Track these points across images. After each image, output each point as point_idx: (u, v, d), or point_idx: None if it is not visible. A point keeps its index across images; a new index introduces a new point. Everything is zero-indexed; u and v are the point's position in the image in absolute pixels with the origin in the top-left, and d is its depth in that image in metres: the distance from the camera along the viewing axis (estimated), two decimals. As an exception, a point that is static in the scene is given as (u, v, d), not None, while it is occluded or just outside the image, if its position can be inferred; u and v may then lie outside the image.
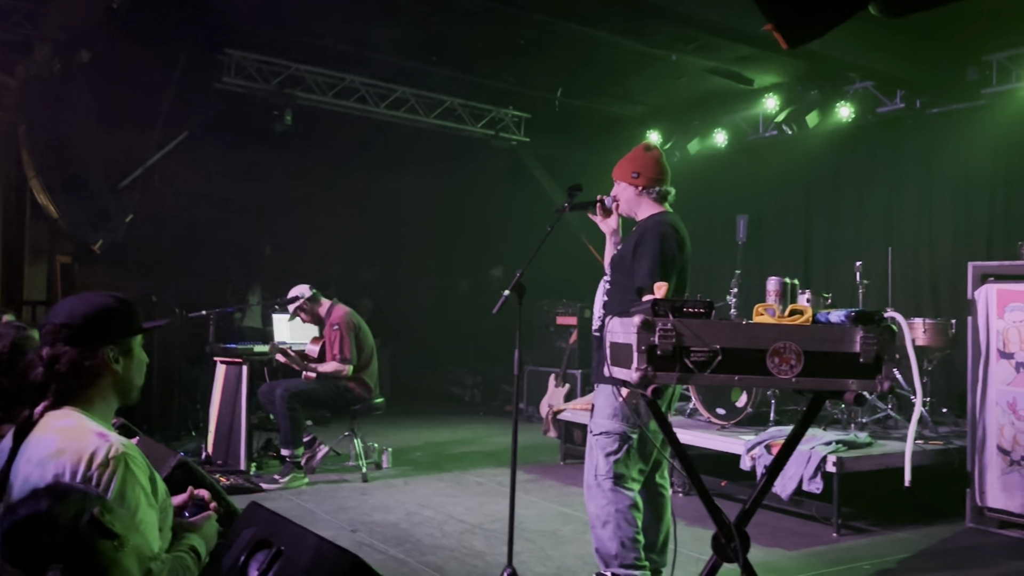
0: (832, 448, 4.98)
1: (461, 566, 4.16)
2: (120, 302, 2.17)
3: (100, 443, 1.93)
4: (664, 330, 2.62)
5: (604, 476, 3.60)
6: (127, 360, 2.13)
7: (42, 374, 2.05)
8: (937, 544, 4.79)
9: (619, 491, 3.58)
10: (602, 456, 3.61)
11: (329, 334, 6.18)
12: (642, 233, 3.65)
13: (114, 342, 2.09)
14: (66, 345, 2.05)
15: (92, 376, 2.07)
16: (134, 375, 2.16)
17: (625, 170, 3.79)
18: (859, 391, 2.64)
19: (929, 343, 5.83)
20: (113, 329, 2.11)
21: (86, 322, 2.07)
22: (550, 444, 7.31)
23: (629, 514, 3.58)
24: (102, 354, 2.07)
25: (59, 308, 2.16)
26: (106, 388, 2.11)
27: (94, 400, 2.08)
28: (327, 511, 5.11)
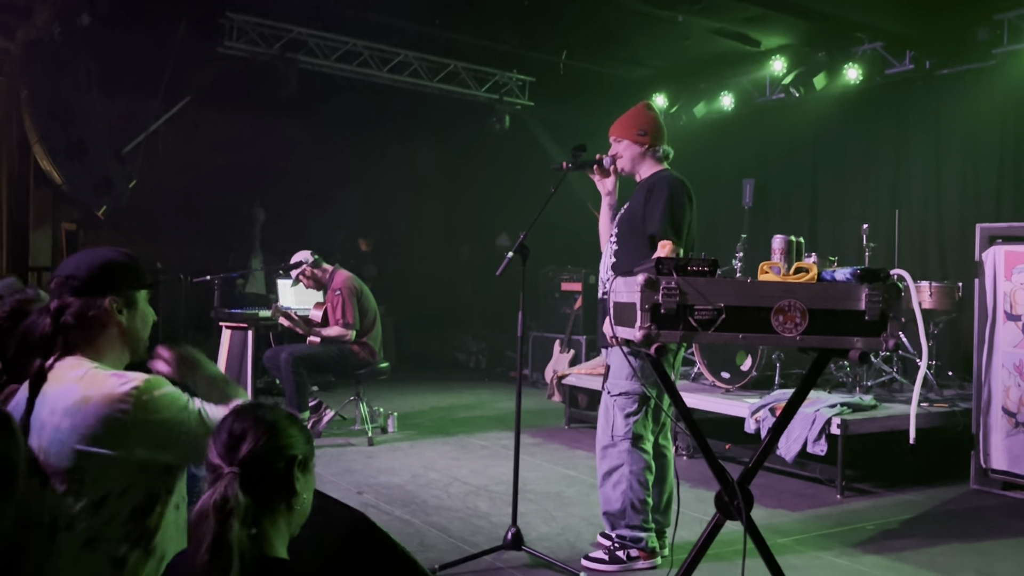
0: (837, 411, 4.98)
1: (466, 526, 4.19)
2: (126, 256, 2.20)
3: (120, 381, 1.97)
4: (668, 288, 2.60)
5: (622, 437, 3.60)
6: (132, 312, 2.15)
7: (49, 325, 2.08)
8: (940, 506, 4.81)
9: (635, 452, 3.60)
10: (621, 416, 3.61)
11: (331, 299, 6.18)
12: (651, 187, 3.65)
13: (118, 293, 2.11)
14: (72, 296, 2.08)
15: (99, 326, 2.09)
16: (139, 328, 2.18)
17: (629, 128, 3.76)
18: (864, 349, 2.63)
19: (935, 306, 5.80)
20: (118, 280, 2.13)
21: (91, 273, 2.10)
22: (555, 409, 7.34)
23: (642, 476, 3.61)
24: (107, 304, 2.09)
25: (66, 262, 2.20)
26: (113, 339, 2.13)
27: (103, 351, 2.11)
28: (333, 474, 5.14)
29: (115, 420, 1.93)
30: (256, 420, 1.69)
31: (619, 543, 3.62)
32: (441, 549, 3.79)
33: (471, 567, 3.53)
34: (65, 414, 1.95)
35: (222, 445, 1.67)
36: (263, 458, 1.67)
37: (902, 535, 4.24)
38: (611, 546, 3.64)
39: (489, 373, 10.33)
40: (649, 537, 3.64)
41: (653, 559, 3.64)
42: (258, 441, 1.67)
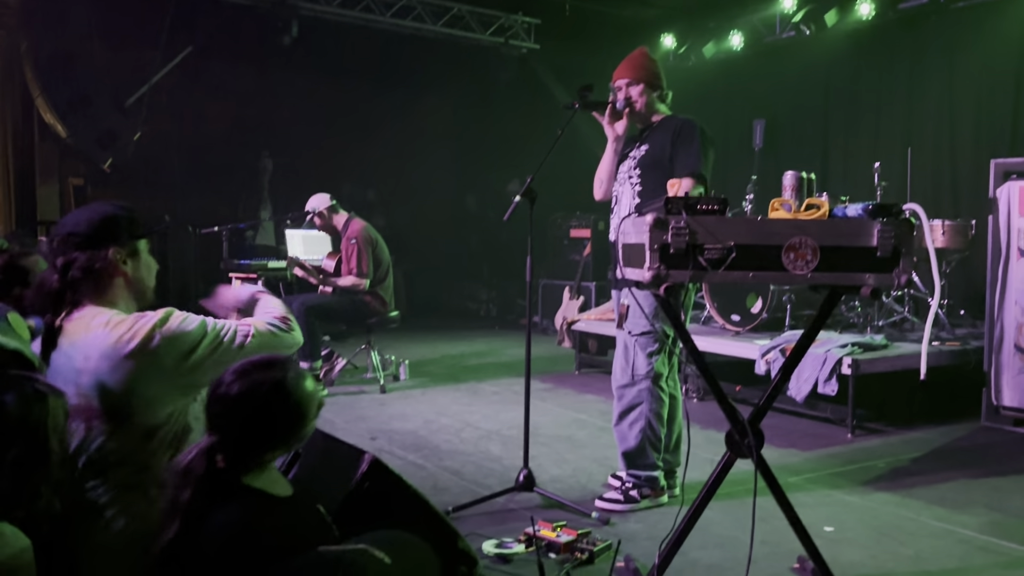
0: (848, 351, 4.97)
1: (478, 469, 4.23)
2: (122, 208, 2.27)
3: (143, 319, 2.10)
4: (677, 228, 2.57)
5: (643, 376, 3.62)
6: (135, 262, 2.24)
7: (58, 281, 2.16)
8: (951, 443, 4.82)
9: (655, 390, 3.63)
10: (643, 355, 3.62)
11: (346, 248, 6.16)
12: (677, 130, 3.65)
13: (121, 244, 2.19)
14: (76, 251, 2.16)
15: (105, 277, 2.18)
16: (144, 276, 2.27)
17: (647, 71, 3.76)
18: (876, 286, 2.61)
19: (948, 244, 5.75)
20: (119, 232, 2.20)
21: (92, 228, 2.18)
22: (565, 355, 7.36)
23: (660, 413, 3.64)
24: (111, 255, 2.17)
25: (65, 220, 2.28)
26: (121, 289, 2.22)
27: (113, 301, 2.19)
28: (346, 420, 5.18)
29: (149, 353, 2.05)
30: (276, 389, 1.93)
31: (633, 482, 3.65)
32: (454, 492, 3.83)
33: (484, 508, 3.56)
34: (102, 358, 2.05)
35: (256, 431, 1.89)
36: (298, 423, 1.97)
37: (912, 472, 4.26)
38: (624, 486, 3.67)
39: (500, 321, 10.35)
40: (660, 476, 3.68)
41: (661, 497, 3.67)
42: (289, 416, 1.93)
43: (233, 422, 1.83)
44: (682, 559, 2.94)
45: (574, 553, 3.07)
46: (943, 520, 3.52)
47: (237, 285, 2.76)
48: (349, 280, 6.10)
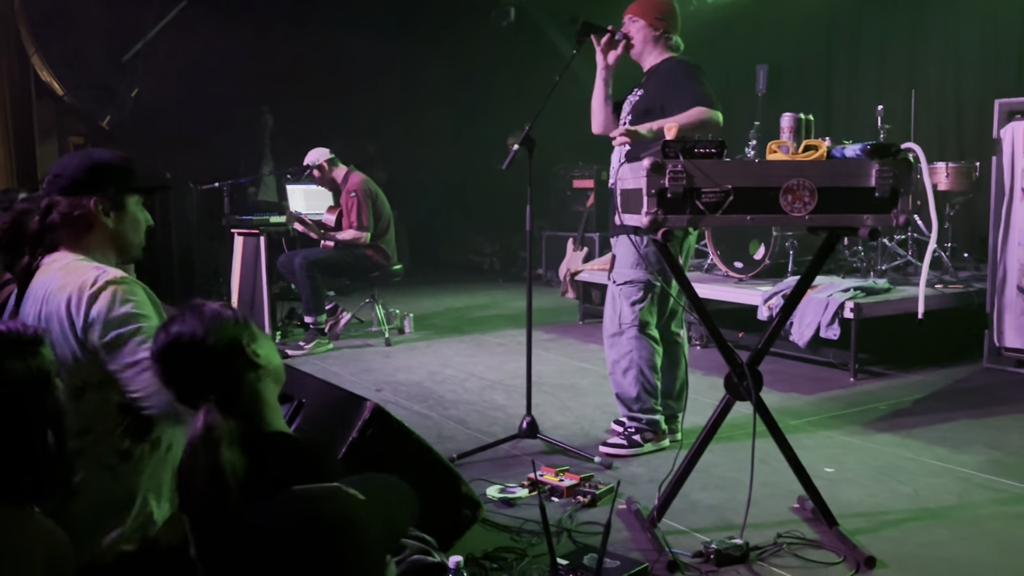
0: (850, 295, 4.97)
1: (483, 418, 4.27)
2: (120, 159, 2.18)
3: (98, 272, 1.99)
4: (674, 172, 2.57)
5: (629, 324, 3.64)
6: (119, 215, 2.13)
7: (38, 223, 2.09)
8: (953, 384, 4.84)
9: (643, 339, 3.64)
10: (627, 305, 3.64)
11: (346, 201, 6.15)
12: (668, 73, 3.62)
13: (105, 194, 2.10)
14: (59, 195, 2.08)
15: (84, 226, 2.09)
16: (128, 231, 2.17)
17: (649, 10, 3.71)
18: (874, 226, 2.60)
19: (952, 187, 5.71)
20: (105, 182, 2.11)
21: (77, 173, 2.10)
22: (569, 306, 7.38)
23: (651, 361, 3.65)
24: (91, 205, 2.08)
25: (59, 161, 2.20)
26: (101, 241, 2.12)
27: (90, 250, 2.10)
28: (352, 373, 5.23)
29: (82, 309, 1.93)
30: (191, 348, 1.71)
31: (635, 427, 3.69)
32: (459, 440, 3.88)
33: (488, 455, 3.61)
34: (45, 302, 1.98)
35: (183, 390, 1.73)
36: (221, 376, 1.70)
37: (914, 413, 4.29)
38: (626, 431, 3.71)
39: (504, 274, 10.36)
40: (661, 420, 3.72)
41: (663, 440, 3.72)
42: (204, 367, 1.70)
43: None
44: (683, 500, 2.99)
45: (577, 497, 3.12)
46: (943, 459, 3.55)
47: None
48: (350, 234, 6.10)
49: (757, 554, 2.65)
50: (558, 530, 2.83)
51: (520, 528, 2.86)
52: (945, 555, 2.67)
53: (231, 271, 6.48)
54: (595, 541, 2.47)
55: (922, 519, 2.95)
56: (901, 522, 2.93)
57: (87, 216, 2.08)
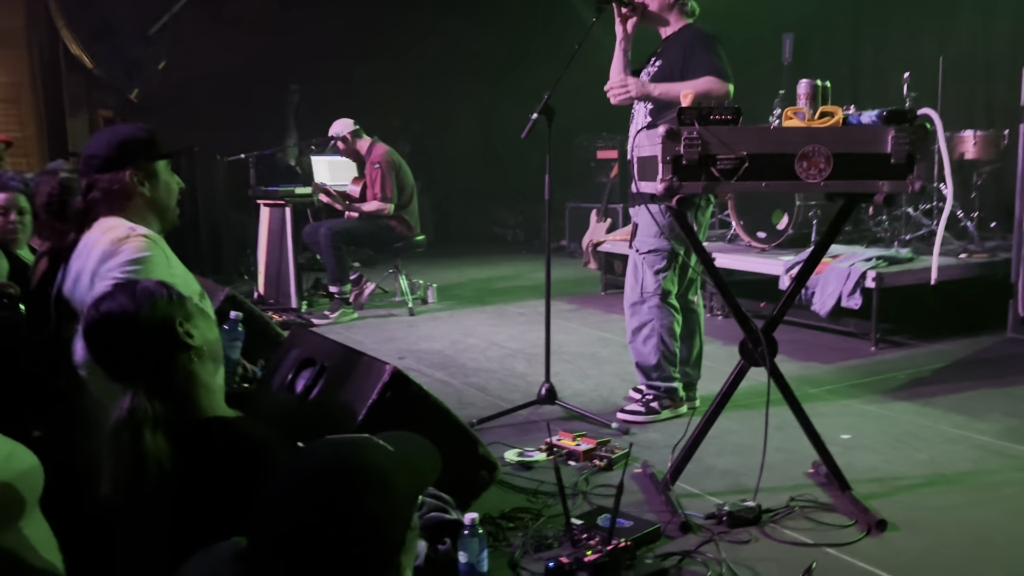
0: (872, 264, 4.96)
1: (503, 385, 4.33)
2: (142, 130, 2.34)
3: (127, 229, 2.16)
4: (690, 139, 2.58)
5: (651, 293, 3.67)
6: (153, 183, 2.30)
7: (81, 202, 2.28)
8: (975, 354, 4.83)
9: (664, 308, 3.67)
10: (651, 273, 3.67)
11: (370, 173, 6.20)
12: (688, 42, 3.60)
13: (137, 166, 2.26)
14: (96, 173, 2.26)
15: (124, 198, 2.26)
16: (163, 196, 2.34)
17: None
18: (890, 192, 2.61)
19: (979, 156, 5.65)
20: (135, 154, 2.28)
21: (110, 150, 2.27)
22: (591, 276, 7.41)
23: (671, 329, 3.69)
24: (128, 177, 2.25)
25: (89, 141, 2.37)
26: (141, 209, 2.29)
27: (133, 219, 2.26)
28: (376, 341, 5.31)
29: (107, 258, 2.08)
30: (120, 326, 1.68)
31: (653, 394, 3.74)
32: (479, 406, 3.95)
33: (507, 421, 3.68)
34: (87, 258, 2.14)
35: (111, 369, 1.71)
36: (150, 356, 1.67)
37: (934, 382, 4.29)
38: (644, 398, 3.76)
39: (527, 245, 10.39)
40: (679, 387, 3.75)
41: (680, 407, 3.76)
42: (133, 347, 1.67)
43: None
44: (698, 465, 3.03)
45: (593, 461, 3.18)
46: (960, 427, 3.56)
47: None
48: (373, 205, 6.16)
49: (769, 516, 2.70)
50: (574, 492, 2.89)
51: (536, 490, 2.92)
52: (957, 519, 2.70)
53: (258, 242, 6.57)
54: (610, 503, 2.53)
55: (936, 484, 2.98)
56: (915, 487, 2.95)
57: (125, 188, 2.25)
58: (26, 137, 7.05)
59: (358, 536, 1.18)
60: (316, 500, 1.18)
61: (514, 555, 2.44)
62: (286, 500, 1.20)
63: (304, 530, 1.17)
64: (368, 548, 1.19)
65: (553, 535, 2.55)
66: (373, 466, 1.23)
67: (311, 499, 1.18)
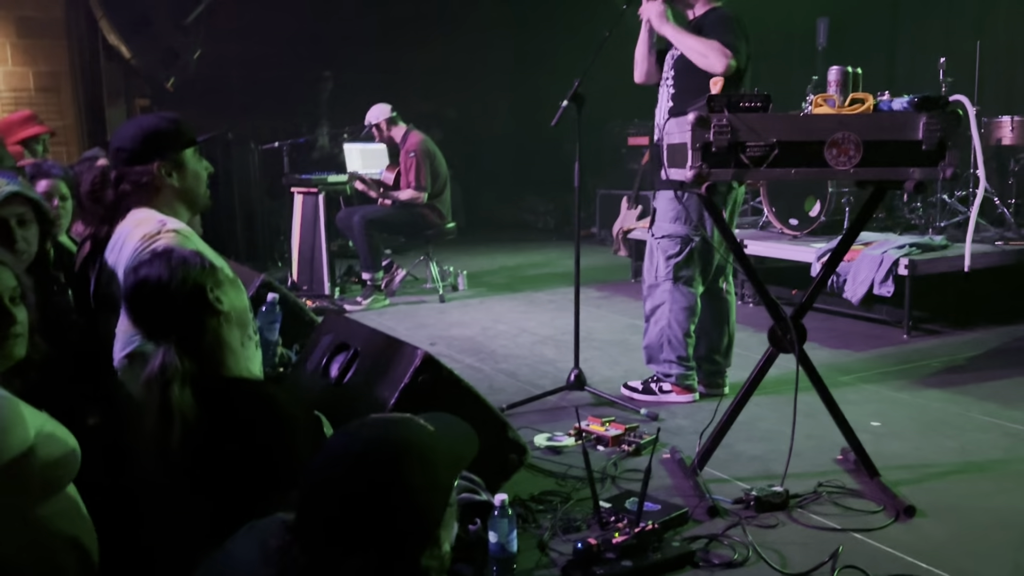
0: (905, 251, 4.92)
1: (533, 371, 4.38)
2: (167, 121, 2.37)
3: (158, 225, 2.18)
4: (719, 126, 2.59)
5: (664, 278, 3.70)
6: (181, 173, 2.33)
7: (112, 194, 2.31)
8: (1010, 343, 4.78)
9: (676, 291, 3.70)
10: (663, 259, 3.69)
11: (405, 161, 6.25)
12: (704, 24, 3.58)
13: (164, 158, 2.29)
14: (125, 166, 2.29)
15: (153, 190, 2.29)
16: (192, 185, 2.37)
17: None
18: (921, 179, 2.60)
19: (1016, 141, 5.57)
20: (162, 146, 2.30)
21: (136, 143, 2.29)
22: (621, 264, 7.41)
23: (681, 314, 3.70)
24: (155, 169, 2.28)
25: (116, 134, 2.40)
26: (170, 199, 2.33)
27: (160, 209, 2.30)
28: (407, 327, 5.37)
29: (142, 249, 2.10)
30: (156, 291, 1.81)
31: (657, 376, 3.79)
32: (509, 392, 3.99)
33: (536, 406, 3.72)
34: (120, 252, 2.18)
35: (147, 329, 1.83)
36: (182, 318, 1.80)
37: (966, 370, 4.26)
38: (648, 379, 3.80)
39: (558, 233, 10.39)
40: (684, 375, 3.77)
41: (689, 395, 3.78)
42: (167, 309, 1.80)
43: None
44: (727, 451, 3.05)
45: (621, 446, 3.21)
46: (992, 415, 3.54)
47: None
48: (408, 193, 6.21)
49: (797, 501, 2.72)
50: (602, 476, 2.92)
51: (565, 474, 2.96)
52: (986, 506, 2.70)
53: (291, 229, 6.66)
54: (638, 487, 2.56)
55: (966, 472, 2.97)
56: (944, 475, 2.95)
57: (154, 180, 2.28)
58: (66, 126, 7.19)
59: (400, 512, 1.24)
60: (362, 477, 1.23)
61: (543, 536, 2.48)
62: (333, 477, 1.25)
63: (349, 506, 1.22)
64: (410, 524, 1.25)
65: (582, 518, 2.60)
66: (415, 445, 1.28)
67: (357, 476, 1.23)
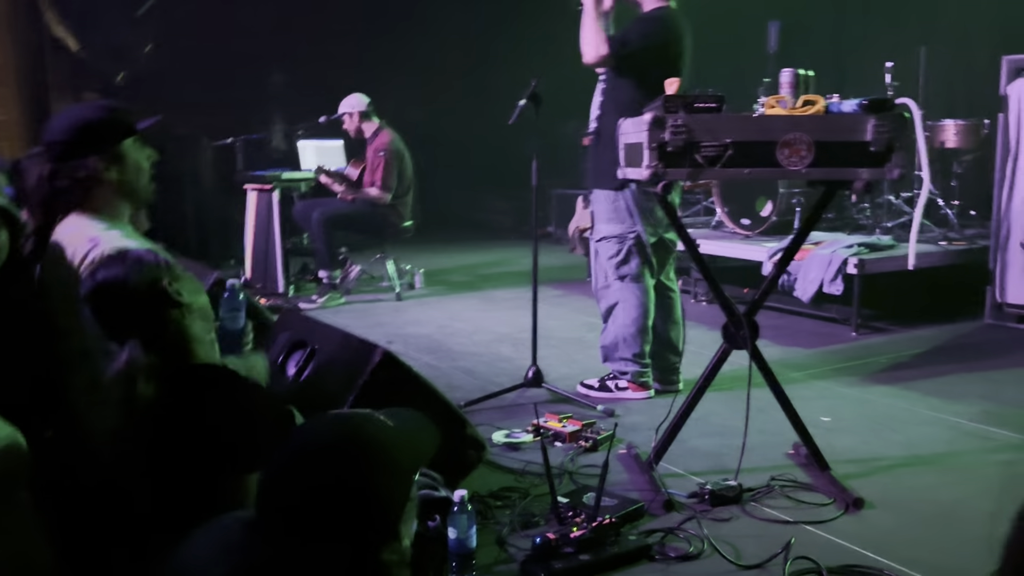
0: (854, 251, 5.04)
1: (490, 369, 4.39)
2: (103, 110, 2.21)
3: (89, 247, 2.04)
4: (675, 126, 2.63)
5: (612, 278, 3.75)
6: (121, 166, 2.18)
7: (48, 188, 2.15)
8: (954, 339, 4.92)
9: (626, 290, 3.75)
10: (606, 260, 3.74)
11: (373, 159, 6.19)
12: (636, 21, 3.64)
13: (102, 152, 2.15)
14: (59, 161, 2.14)
15: (91, 184, 2.15)
16: (132, 178, 2.22)
17: None
18: (869, 180, 2.67)
19: (960, 144, 5.73)
20: (99, 139, 2.15)
21: (70, 136, 2.14)
22: (578, 263, 7.45)
23: (635, 311, 3.75)
24: (93, 164, 2.14)
25: (49, 126, 2.22)
26: (108, 195, 2.19)
27: (100, 207, 2.17)
28: (363, 326, 5.33)
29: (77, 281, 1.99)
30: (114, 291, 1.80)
31: (613, 374, 3.84)
32: (467, 389, 4.00)
33: (494, 403, 3.73)
34: (53, 266, 2.07)
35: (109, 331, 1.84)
36: (143, 315, 1.80)
37: (913, 367, 4.38)
38: (604, 376, 3.85)
39: (515, 232, 10.41)
40: (640, 372, 3.82)
41: (644, 392, 3.83)
42: (126, 308, 1.80)
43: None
44: (681, 446, 3.10)
45: (579, 442, 3.24)
46: (937, 410, 3.65)
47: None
48: (373, 192, 6.16)
49: (750, 495, 2.77)
50: (560, 472, 2.95)
51: (523, 470, 2.98)
52: (931, 497, 2.78)
53: (244, 227, 6.58)
54: (595, 483, 2.58)
55: (912, 465, 3.06)
56: (892, 467, 3.04)
57: (91, 176, 2.14)
58: (9, 121, 7.01)
59: (361, 508, 1.24)
60: (321, 473, 1.23)
61: (502, 532, 2.50)
62: (292, 473, 1.25)
63: (310, 502, 1.22)
64: (370, 518, 1.25)
65: (540, 513, 2.62)
66: (375, 441, 1.28)
67: (318, 471, 1.23)
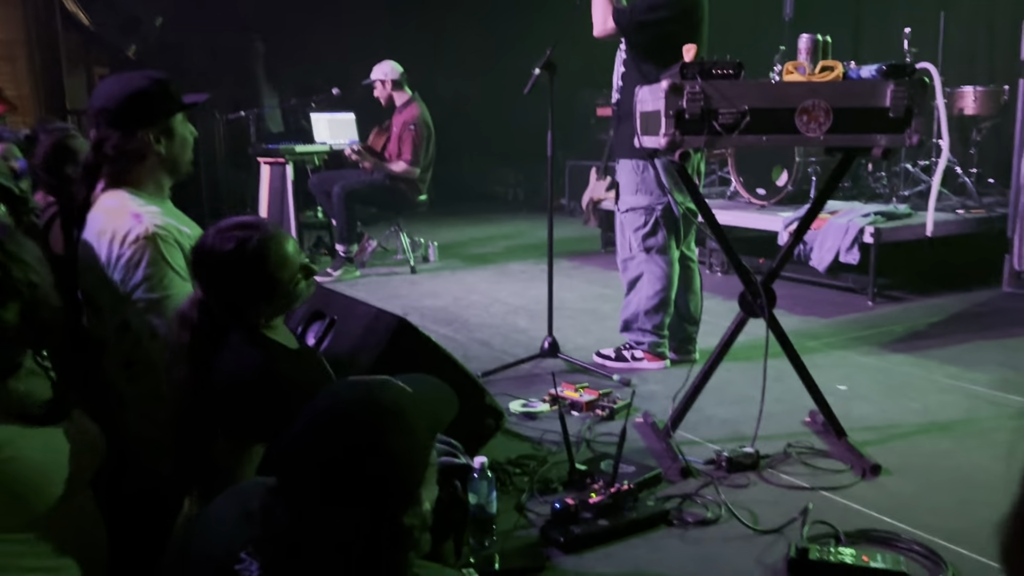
0: (870, 220, 5.00)
1: (506, 340, 4.40)
2: (155, 83, 2.18)
3: (133, 223, 2.03)
4: (692, 93, 2.61)
5: (637, 250, 3.74)
6: (169, 140, 2.17)
7: (92, 157, 2.14)
8: (971, 308, 4.90)
9: (650, 262, 3.74)
10: (631, 232, 3.73)
11: (401, 131, 6.15)
12: None
13: (153, 124, 2.13)
14: (108, 128, 2.12)
15: (138, 158, 2.13)
16: (178, 153, 2.21)
17: None
18: (888, 146, 2.65)
19: (979, 111, 5.67)
20: (151, 111, 2.14)
21: (122, 105, 2.11)
22: (591, 235, 7.45)
23: (659, 283, 3.74)
24: (143, 137, 2.12)
25: (98, 91, 2.20)
26: (154, 168, 2.17)
27: (143, 180, 2.16)
28: (379, 299, 5.34)
29: (119, 258, 2.01)
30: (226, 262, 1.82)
31: (630, 344, 3.86)
32: (483, 360, 4.01)
33: (510, 374, 3.75)
34: (92, 242, 2.06)
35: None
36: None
37: (930, 335, 4.36)
38: (620, 346, 3.86)
39: (528, 205, 10.39)
40: (656, 343, 3.82)
41: (661, 362, 3.84)
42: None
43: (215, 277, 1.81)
44: (698, 415, 3.11)
45: (595, 411, 3.26)
46: (954, 377, 3.64)
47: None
48: (401, 167, 6.13)
49: (767, 462, 2.78)
50: (577, 440, 2.96)
51: (541, 438, 3.00)
52: (948, 464, 2.79)
53: (258, 200, 6.59)
54: (613, 450, 2.61)
55: (929, 431, 3.06)
56: (909, 434, 3.04)
57: (141, 148, 2.12)
58: (22, 96, 7.01)
59: (381, 472, 1.25)
60: (343, 437, 1.24)
61: (521, 499, 2.52)
62: (312, 439, 1.26)
63: (331, 466, 1.23)
64: (391, 483, 1.26)
65: (558, 480, 2.64)
66: (394, 406, 1.29)
67: (339, 436, 1.24)
